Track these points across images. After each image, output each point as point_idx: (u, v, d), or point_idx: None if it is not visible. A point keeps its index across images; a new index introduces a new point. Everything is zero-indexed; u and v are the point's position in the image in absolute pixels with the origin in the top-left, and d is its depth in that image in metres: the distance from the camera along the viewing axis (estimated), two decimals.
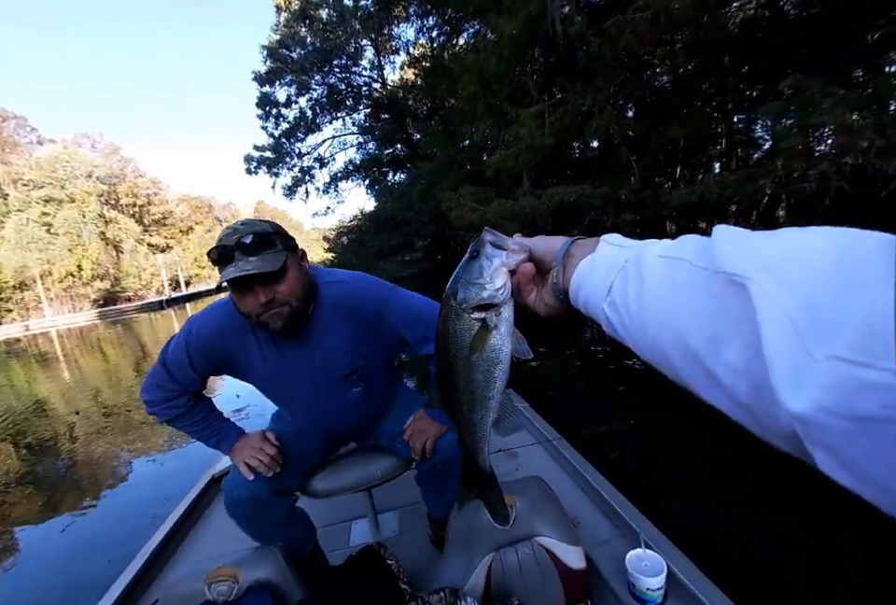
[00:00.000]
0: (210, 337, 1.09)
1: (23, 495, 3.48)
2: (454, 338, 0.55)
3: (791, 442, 0.23)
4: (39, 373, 8.47)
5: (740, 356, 0.25)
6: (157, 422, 1.21)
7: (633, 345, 0.38)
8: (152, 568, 1.47)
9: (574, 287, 0.45)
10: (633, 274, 0.36)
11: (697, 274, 0.29)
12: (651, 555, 1.07)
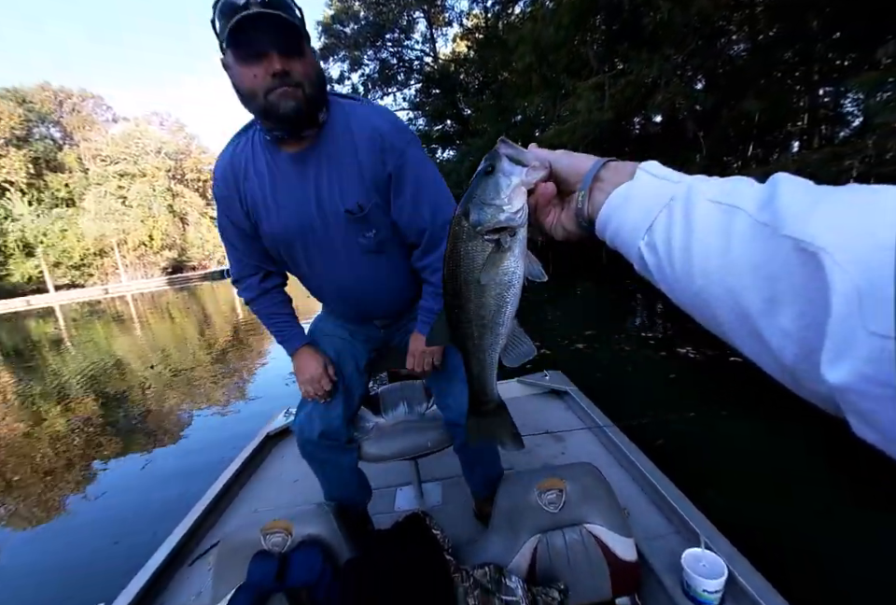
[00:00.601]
0: (223, 175, 1.02)
1: (106, 437, 3.84)
2: (465, 261, 0.51)
3: (830, 403, 0.24)
4: (117, 332, 9.22)
5: (796, 321, 0.24)
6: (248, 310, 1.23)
7: (668, 290, 0.35)
8: (211, 514, 1.57)
9: (603, 217, 0.40)
10: (680, 217, 0.32)
11: (758, 230, 0.27)
12: (711, 556, 1.01)
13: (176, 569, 1.34)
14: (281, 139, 0.95)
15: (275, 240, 1.06)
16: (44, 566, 2.26)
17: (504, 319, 0.54)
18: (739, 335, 0.28)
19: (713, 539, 1.08)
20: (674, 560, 1.06)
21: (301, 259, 1.08)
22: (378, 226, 1.02)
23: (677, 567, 1.03)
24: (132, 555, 1.47)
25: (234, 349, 6.60)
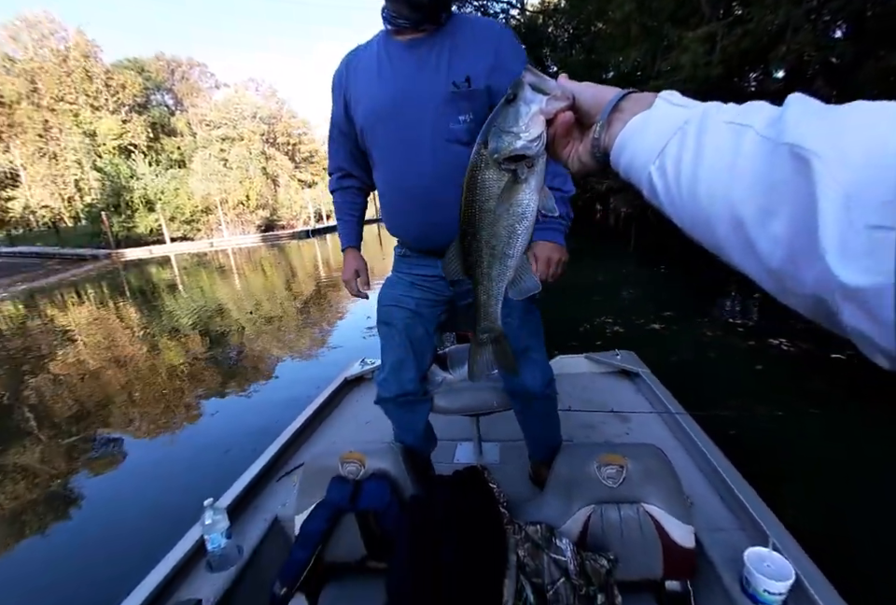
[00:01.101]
0: (338, 69, 1.14)
1: (209, 372, 4.38)
2: (481, 189, 0.51)
3: (809, 302, 0.26)
4: (219, 281, 10.23)
5: (786, 227, 0.25)
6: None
7: (673, 212, 0.35)
8: (296, 441, 1.75)
9: (618, 146, 0.40)
10: (692, 139, 0.33)
11: (762, 145, 0.27)
12: (778, 557, 0.95)
13: (267, 482, 1.53)
14: (400, 30, 1.01)
15: (365, 121, 1.09)
16: (167, 468, 2.71)
17: (514, 251, 0.54)
18: (733, 246, 0.30)
19: (782, 541, 1.01)
20: (734, 555, 1.02)
21: (383, 145, 1.09)
22: (476, 110, 1.00)
23: (737, 562, 1.00)
24: (237, 461, 1.73)
25: (316, 303, 7.07)
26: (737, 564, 1.00)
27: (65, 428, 3.42)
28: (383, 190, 1.17)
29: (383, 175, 1.15)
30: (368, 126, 1.09)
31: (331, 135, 1.22)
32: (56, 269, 15.61)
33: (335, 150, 1.24)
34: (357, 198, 1.32)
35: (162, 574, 1.08)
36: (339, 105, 1.14)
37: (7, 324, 7.36)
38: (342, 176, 1.28)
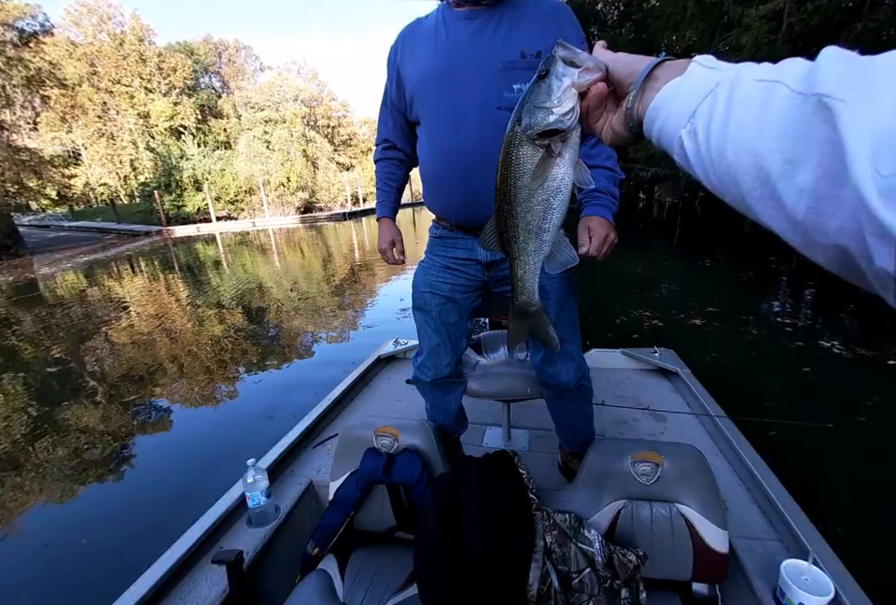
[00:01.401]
0: (394, 42, 1.13)
1: (252, 344, 4.56)
2: (515, 165, 0.51)
3: (831, 253, 0.26)
4: (260, 260, 10.55)
5: (812, 176, 0.25)
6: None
7: (702, 175, 0.35)
8: (330, 413, 1.81)
9: (651, 113, 0.40)
10: (723, 98, 0.32)
11: (791, 99, 0.27)
12: (818, 573, 0.90)
13: (303, 448, 1.60)
14: (460, 2, 1.00)
15: (415, 88, 1.07)
16: (213, 432, 2.88)
17: (549, 226, 0.54)
18: (758, 200, 0.30)
19: (823, 556, 0.96)
20: (768, 564, 0.98)
21: (430, 110, 1.07)
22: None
23: (771, 572, 0.95)
24: (280, 426, 1.80)
25: (352, 284, 7.19)
26: (771, 574, 0.96)
27: (121, 388, 3.66)
28: (426, 159, 1.14)
29: (428, 142, 1.12)
30: (418, 92, 1.07)
31: (382, 109, 1.23)
32: (113, 243, 16.52)
33: (384, 122, 1.25)
34: (398, 170, 1.32)
35: (208, 524, 1.16)
36: (391, 78, 1.14)
37: (69, 293, 7.88)
38: (386, 148, 1.29)
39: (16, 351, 4.89)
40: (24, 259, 13.54)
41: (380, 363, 2.30)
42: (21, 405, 3.50)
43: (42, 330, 5.56)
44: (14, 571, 1.86)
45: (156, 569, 1.03)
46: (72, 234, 19.89)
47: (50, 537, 2.03)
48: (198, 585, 1.05)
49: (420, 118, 1.11)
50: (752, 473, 1.28)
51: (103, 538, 1.98)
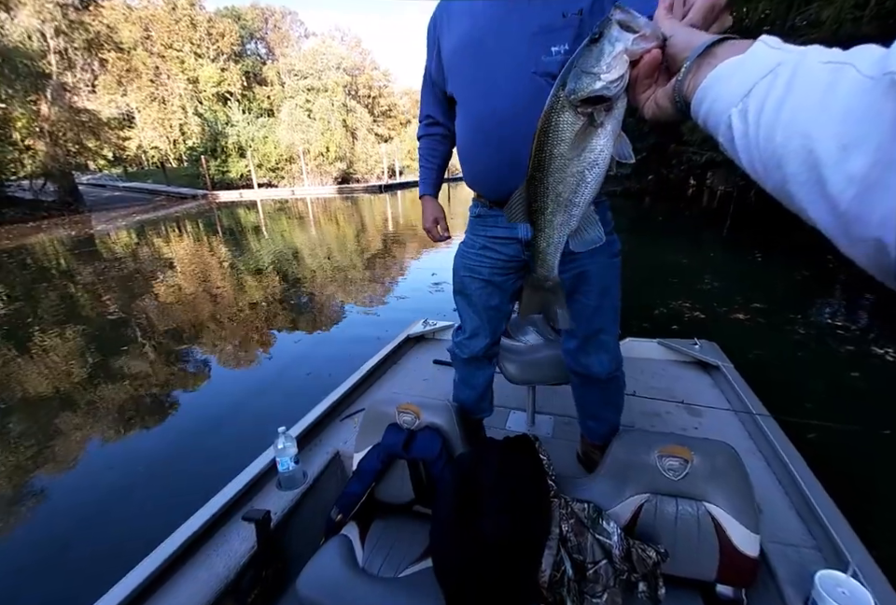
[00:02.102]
0: (432, 17, 1.09)
1: (290, 307, 4.67)
2: (554, 132, 0.48)
3: (870, 247, 0.24)
4: (297, 228, 10.68)
5: (866, 162, 0.23)
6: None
7: (745, 158, 0.33)
8: (358, 388, 1.82)
9: (702, 91, 0.36)
10: (784, 78, 0.29)
11: (861, 84, 0.25)
12: (857, 586, 0.84)
13: (331, 420, 1.63)
14: None
15: (451, 56, 1.03)
16: (254, 387, 3.02)
17: (580, 200, 0.51)
18: (802, 187, 0.28)
19: (864, 568, 0.89)
20: (802, 573, 0.92)
21: (465, 78, 1.02)
22: (571, 41, 0.90)
23: (804, 581, 0.89)
24: (318, 384, 1.84)
25: (385, 257, 7.20)
26: (804, 583, 0.90)
27: (167, 342, 3.85)
28: (462, 131, 1.09)
29: (464, 115, 1.07)
30: (454, 63, 1.03)
31: (424, 83, 1.20)
32: (163, 204, 17.09)
33: (425, 98, 1.22)
34: (441, 146, 1.27)
35: (241, 485, 1.21)
36: (431, 51, 1.10)
37: (123, 249, 8.25)
38: (429, 124, 1.25)
39: (77, 300, 5.19)
40: (83, 215, 14.22)
41: (409, 342, 2.30)
42: (79, 349, 3.74)
43: (99, 283, 5.87)
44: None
45: (192, 523, 1.09)
46: (125, 194, 20.68)
47: (110, 464, 2.19)
48: (229, 539, 1.11)
49: (456, 90, 1.06)
50: (792, 476, 1.20)
51: (154, 483, 2.12)
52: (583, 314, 1.13)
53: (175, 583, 0.99)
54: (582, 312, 1.13)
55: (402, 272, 6.14)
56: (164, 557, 0.99)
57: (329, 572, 1.05)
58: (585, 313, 1.13)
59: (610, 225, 1.13)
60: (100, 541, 1.78)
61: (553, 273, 0.64)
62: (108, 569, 1.07)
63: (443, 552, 0.98)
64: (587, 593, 0.87)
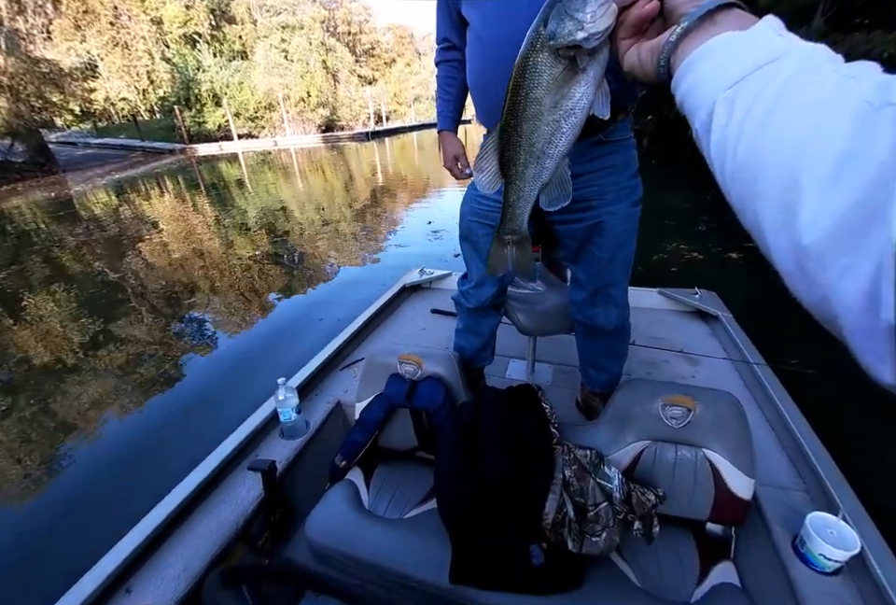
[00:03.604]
0: None
1: (273, 268, 4.55)
2: (531, 74, 0.43)
3: (818, 294, 0.22)
4: (282, 181, 10.20)
5: (848, 199, 0.21)
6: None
7: (716, 157, 0.29)
8: (356, 338, 1.79)
9: (689, 63, 0.32)
10: (787, 72, 0.26)
11: (862, 106, 0.22)
12: (845, 528, 0.85)
13: (331, 370, 1.61)
14: None
15: None
16: (257, 334, 3.08)
17: (555, 151, 0.47)
18: (769, 209, 0.25)
19: (853, 512, 0.90)
20: (790, 514, 0.94)
21: (479, 3, 0.91)
22: None
23: (793, 521, 0.91)
24: (324, 331, 1.80)
25: (376, 209, 6.94)
26: (792, 523, 0.92)
27: (159, 305, 3.78)
28: (472, 57, 0.99)
29: (475, 41, 0.96)
30: None
31: (438, 6, 1.10)
32: (140, 161, 16.19)
33: (441, 18, 1.11)
34: (460, 73, 1.13)
35: (244, 435, 1.21)
36: None
37: (105, 210, 7.90)
38: (445, 48, 1.14)
39: (62, 265, 5.03)
40: (59, 176, 13.48)
41: (405, 292, 2.25)
42: (70, 313, 3.67)
43: (82, 246, 5.66)
44: None
45: (198, 473, 1.09)
46: (99, 152, 19.50)
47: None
48: (236, 488, 1.12)
49: (469, 13, 0.96)
50: (785, 422, 1.20)
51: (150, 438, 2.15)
52: (594, 267, 1.06)
53: (186, 531, 1.00)
54: (593, 265, 1.06)
55: (398, 222, 5.97)
56: (173, 507, 0.99)
57: (336, 515, 1.06)
58: (597, 266, 1.06)
59: (634, 167, 1.02)
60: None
61: (522, 227, 0.61)
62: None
63: (447, 492, 0.99)
64: (587, 532, 0.88)
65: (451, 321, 1.87)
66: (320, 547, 1.02)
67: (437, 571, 0.90)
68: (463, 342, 1.37)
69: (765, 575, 0.90)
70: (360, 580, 1.00)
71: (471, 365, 1.39)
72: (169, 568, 0.91)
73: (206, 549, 0.95)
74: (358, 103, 26.29)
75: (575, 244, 1.05)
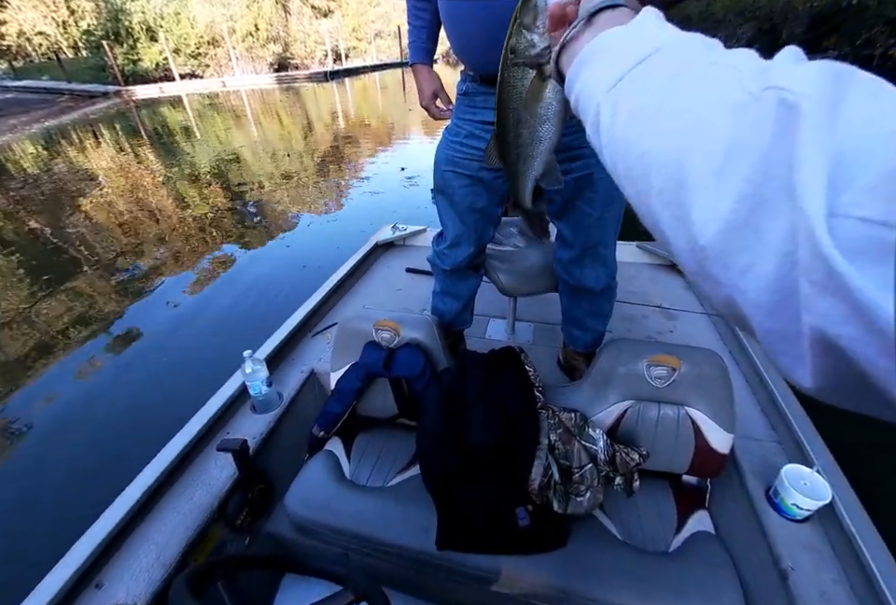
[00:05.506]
0: None
1: (227, 224, 4.25)
2: (506, 87, 0.47)
3: (722, 294, 0.22)
4: (234, 128, 9.27)
5: (735, 195, 0.19)
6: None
7: (609, 154, 0.29)
8: (328, 301, 1.68)
9: (576, 68, 0.32)
10: (661, 71, 0.26)
11: (744, 97, 0.21)
12: (818, 479, 0.86)
13: (302, 337, 1.51)
14: None
15: None
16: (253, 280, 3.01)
17: (537, 153, 0.52)
18: (663, 206, 0.24)
19: (826, 465, 0.91)
20: (764, 465, 0.95)
21: None
22: None
23: (766, 473, 0.93)
24: (309, 278, 1.69)
25: (340, 156, 6.48)
26: (766, 474, 0.94)
27: (109, 266, 3.49)
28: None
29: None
30: None
31: None
32: (69, 106, 14.36)
33: None
34: (430, 6, 0.96)
35: (212, 412, 1.12)
36: None
37: (35, 164, 7.05)
38: None
39: None
40: None
41: (378, 250, 2.10)
42: (13, 278, 3.36)
43: (17, 205, 5.08)
44: None
45: (165, 453, 1.02)
46: (20, 96, 17.09)
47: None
48: (208, 468, 1.05)
49: None
50: (761, 376, 1.21)
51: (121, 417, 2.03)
52: (583, 224, 0.97)
53: (157, 517, 0.94)
54: (582, 222, 0.97)
55: (370, 169, 5.61)
56: (141, 492, 0.92)
57: (317, 487, 1.03)
58: (585, 223, 0.97)
59: None
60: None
61: (525, 206, 0.68)
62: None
63: (431, 459, 0.96)
64: (571, 493, 0.88)
65: (427, 280, 1.77)
66: (302, 520, 0.99)
67: (422, 537, 0.89)
68: (441, 305, 1.29)
69: (738, 523, 0.93)
70: (345, 549, 0.98)
71: (451, 328, 1.33)
72: (142, 558, 0.85)
73: (181, 534, 0.90)
74: (313, 38, 23.66)
75: (562, 198, 0.95)
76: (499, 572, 0.85)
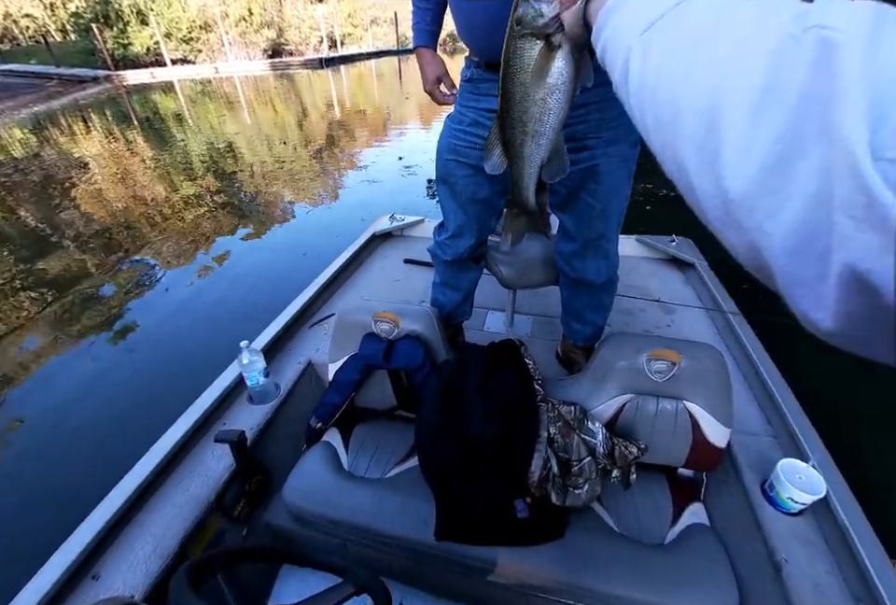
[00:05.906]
0: None
1: (223, 213, 4.19)
2: (514, 58, 0.45)
3: (744, 242, 0.22)
4: (228, 115, 9.10)
5: (770, 138, 0.19)
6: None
7: (636, 104, 0.28)
8: (325, 292, 1.66)
9: (604, 15, 0.32)
10: (698, 10, 0.25)
11: (783, 37, 0.20)
12: (813, 474, 0.87)
13: (299, 328, 1.50)
14: None
15: None
16: (256, 270, 3.04)
17: (546, 128, 0.50)
18: (693, 152, 0.23)
19: (821, 460, 0.92)
20: (761, 459, 0.96)
21: None
22: None
23: (762, 467, 0.94)
24: (312, 266, 1.67)
25: (338, 145, 6.39)
26: (762, 468, 0.95)
27: (103, 255, 3.43)
28: None
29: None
30: None
31: None
32: (59, 91, 14.02)
33: None
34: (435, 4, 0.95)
35: (209, 403, 1.11)
36: None
37: (24, 151, 6.89)
38: None
39: None
40: None
41: (375, 240, 2.08)
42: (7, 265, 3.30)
43: (5, 192, 4.98)
44: None
45: (162, 444, 1.00)
46: (7, 80, 16.65)
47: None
48: (205, 459, 1.05)
49: None
50: (758, 371, 1.21)
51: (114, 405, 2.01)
52: (586, 216, 0.95)
53: (153, 508, 0.93)
54: (585, 214, 0.95)
55: (368, 158, 5.54)
56: (138, 483, 0.91)
57: (315, 478, 1.02)
58: (588, 216, 0.95)
59: None
60: None
61: (529, 201, 0.65)
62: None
63: (430, 451, 0.96)
64: (570, 485, 0.88)
65: (425, 272, 1.76)
66: (300, 511, 0.98)
67: (421, 529, 0.89)
68: (441, 297, 1.28)
69: (733, 515, 0.94)
70: (343, 540, 0.98)
71: (450, 320, 1.32)
72: (139, 549, 0.85)
73: (178, 525, 0.89)
74: (308, 23, 23.14)
75: (566, 190, 0.93)
76: (498, 563, 0.85)
